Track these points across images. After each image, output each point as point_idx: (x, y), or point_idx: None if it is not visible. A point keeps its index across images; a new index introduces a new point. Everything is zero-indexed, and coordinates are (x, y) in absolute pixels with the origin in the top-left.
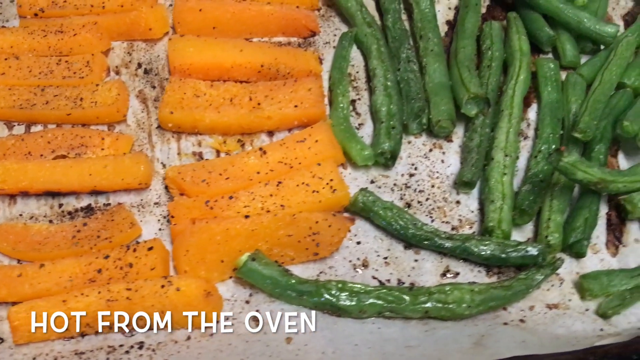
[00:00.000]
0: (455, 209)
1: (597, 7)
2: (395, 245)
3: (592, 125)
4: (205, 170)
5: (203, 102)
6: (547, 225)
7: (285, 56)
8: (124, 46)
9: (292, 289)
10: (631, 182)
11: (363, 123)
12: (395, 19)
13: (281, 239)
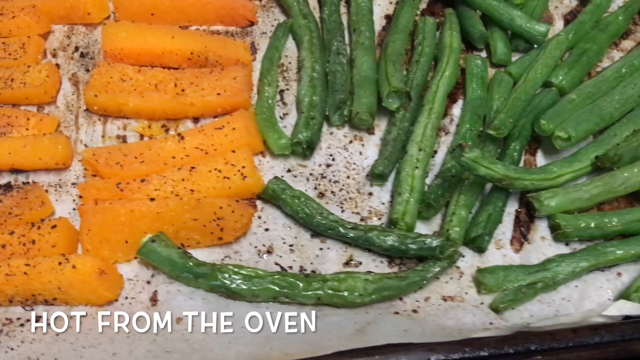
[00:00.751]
0: (366, 200)
1: (535, 5)
2: (303, 233)
3: (508, 123)
4: (121, 153)
5: (128, 86)
6: (451, 219)
7: (215, 45)
8: (65, 30)
9: (188, 271)
10: (539, 180)
11: (288, 113)
12: (332, 12)
13: (187, 222)
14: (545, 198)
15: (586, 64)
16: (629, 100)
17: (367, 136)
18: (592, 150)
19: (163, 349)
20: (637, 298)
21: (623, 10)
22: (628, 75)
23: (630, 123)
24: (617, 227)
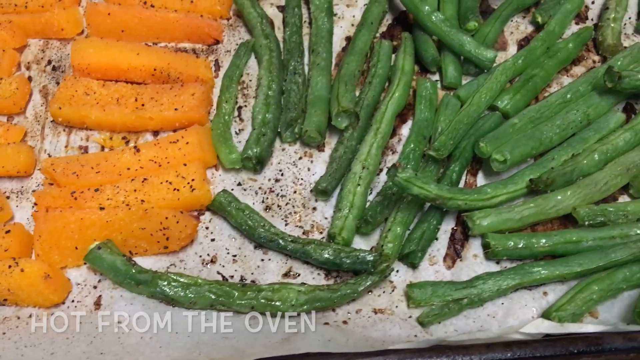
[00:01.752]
0: (310, 214)
1: (488, 31)
2: (247, 244)
3: (448, 145)
4: (78, 163)
5: (91, 100)
6: (386, 235)
7: (177, 62)
8: (40, 44)
9: (130, 277)
10: (472, 200)
11: (244, 129)
12: (292, 33)
13: (135, 231)
14: (478, 218)
15: (532, 89)
16: (570, 126)
17: (317, 153)
18: (528, 173)
19: (98, 350)
20: (556, 317)
21: (574, 38)
22: (573, 101)
23: (569, 148)
24: (545, 247)
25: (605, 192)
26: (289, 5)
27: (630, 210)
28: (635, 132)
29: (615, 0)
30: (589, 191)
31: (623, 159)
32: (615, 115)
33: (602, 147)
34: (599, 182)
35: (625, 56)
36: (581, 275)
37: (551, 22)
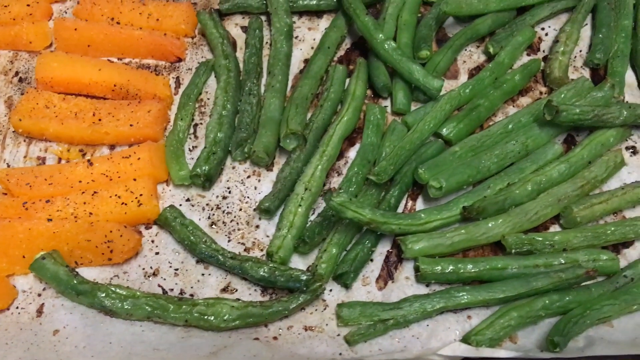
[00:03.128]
0: (253, 232)
1: (440, 59)
2: (189, 259)
3: (389, 170)
4: (32, 174)
5: (51, 113)
6: (321, 256)
7: (137, 79)
8: (10, 55)
9: (72, 287)
10: (406, 225)
11: (197, 146)
12: (252, 54)
13: (80, 243)
14: (411, 242)
15: (476, 118)
16: (508, 155)
17: (265, 172)
18: (463, 200)
19: (33, 357)
20: (474, 341)
21: (521, 70)
22: (514, 132)
23: (506, 177)
24: (472, 273)
25: (535, 221)
26: (251, 27)
27: (556, 240)
28: (570, 165)
29: (565, 34)
30: (519, 220)
31: (556, 190)
32: (553, 147)
33: (536, 178)
34: (529, 211)
35: (569, 89)
36: (504, 301)
37: (501, 53)
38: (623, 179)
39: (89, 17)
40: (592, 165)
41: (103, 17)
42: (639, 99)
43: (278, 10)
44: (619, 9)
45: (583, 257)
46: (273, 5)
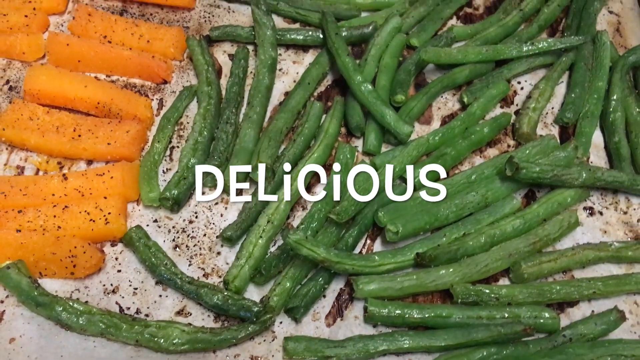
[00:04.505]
0: (214, 258)
1: (414, 105)
2: (149, 280)
3: (350, 211)
4: (9, 184)
5: (33, 125)
6: (275, 288)
7: (120, 98)
8: (3, 63)
9: (32, 298)
10: (359, 266)
11: (171, 168)
12: (234, 83)
13: (46, 255)
14: (362, 282)
15: (441, 166)
16: (467, 206)
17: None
18: (418, 246)
19: None
20: None
21: (491, 123)
22: (476, 182)
23: (462, 227)
24: (417, 319)
25: (485, 273)
26: (237, 57)
27: (502, 294)
28: (525, 221)
29: (539, 91)
30: (469, 271)
31: (508, 244)
32: (511, 202)
33: (491, 231)
34: (480, 263)
35: (535, 146)
36: (444, 349)
37: (474, 104)
38: (577, 239)
39: (83, 32)
40: (547, 224)
41: (96, 34)
42: (604, 160)
43: (264, 43)
44: (595, 70)
45: (526, 312)
46: (260, 37)
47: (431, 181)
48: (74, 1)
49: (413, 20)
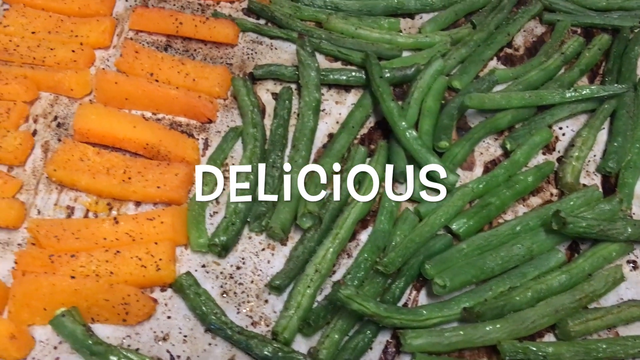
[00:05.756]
0: (261, 306)
1: (457, 152)
2: (198, 327)
3: (397, 262)
4: (61, 227)
5: (84, 166)
6: (324, 341)
7: (168, 140)
8: (51, 98)
9: (87, 347)
10: (407, 320)
11: (218, 212)
12: (279, 125)
13: (99, 301)
14: (410, 337)
15: (486, 216)
16: (512, 259)
17: (279, 246)
18: (464, 300)
19: None
20: None
21: (535, 172)
22: (521, 234)
23: (508, 280)
24: None
25: (532, 329)
26: (281, 97)
27: (549, 352)
28: (570, 276)
29: (582, 139)
30: (516, 327)
31: (554, 300)
32: (556, 255)
33: (537, 286)
34: (527, 319)
35: (579, 197)
36: None
37: (517, 151)
38: (620, 294)
39: (129, 69)
40: (592, 279)
41: (143, 72)
42: None
43: (309, 84)
44: (637, 117)
45: None
46: (305, 78)
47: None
48: (118, 35)
49: (454, 61)
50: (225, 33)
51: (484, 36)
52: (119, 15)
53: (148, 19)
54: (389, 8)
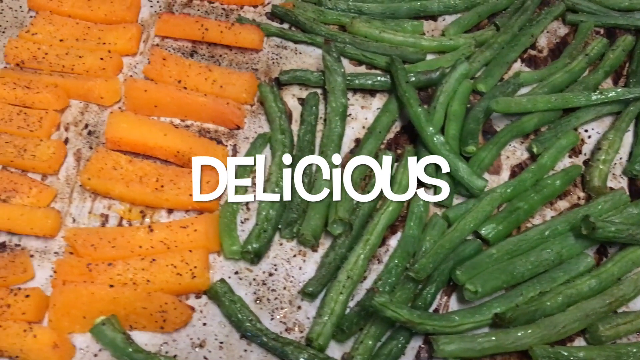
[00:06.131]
0: (295, 312)
1: (485, 156)
2: (234, 333)
3: (428, 268)
4: (97, 236)
5: (117, 175)
6: (358, 347)
7: (198, 147)
8: (81, 106)
9: (127, 355)
10: (440, 326)
11: (249, 218)
12: (307, 131)
13: (137, 309)
14: (443, 343)
15: (515, 221)
16: (542, 264)
17: (310, 253)
18: (496, 305)
19: None
20: None
21: (562, 175)
22: (550, 239)
23: (538, 285)
24: None
25: (563, 334)
26: (308, 103)
27: (581, 356)
28: (600, 281)
29: (608, 142)
30: (548, 332)
31: (584, 305)
32: (585, 259)
33: (567, 291)
34: (558, 324)
35: (607, 201)
36: None
37: (544, 155)
38: None
39: (157, 77)
40: (622, 283)
41: (171, 79)
42: None
43: (335, 90)
44: None
45: None
46: (331, 84)
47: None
48: (144, 41)
49: (479, 64)
50: (250, 38)
51: (507, 38)
52: (144, 22)
53: (174, 25)
54: (412, 10)
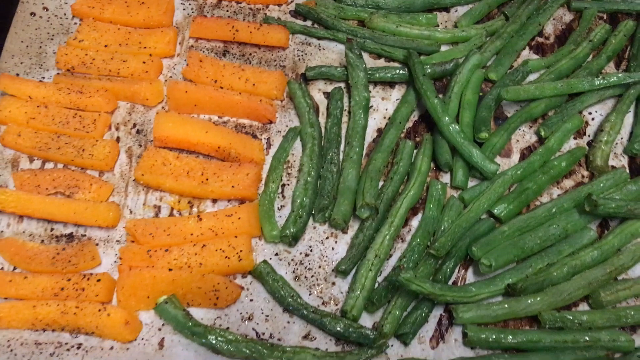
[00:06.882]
0: (330, 288)
1: (496, 141)
2: (277, 308)
3: (447, 246)
4: (154, 226)
5: (167, 170)
6: (386, 316)
7: (237, 143)
8: (128, 107)
9: (187, 329)
10: (459, 297)
11: (285, 205)
12: (333, 124)
13: (193, 289)
14: (461, 311)
15: (524, 200)
16: (549, 238)
17: (341, 235)
18: (508, 277)
19: None
20: None
21: (568, 157)
22: (556, 215)
23: (545, 257)
24: (511, 343)
25: (568, 300)
26: (334, 97)
27: (584, 320)
28: (602, 252)
29: (610, 124)
30: (554, 299)
31: (587, 273)
32: (589, 233)
33: (572, 262)
34: (563, 292)
35: (608, 179)
36: None
37: (551, 138)
38: None
39: (195, 77)
40: (621, 254)
41: (207, 79)
42: None
43: (358, 85)
44: None
45: (605, 336)
46: (354, 79)
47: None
48: (180, 43)
49: (490, 53)
50: (277, 37)
51: (516, 27)
52: (179, 24)
53: (207, 27)
54: (426, 3)
